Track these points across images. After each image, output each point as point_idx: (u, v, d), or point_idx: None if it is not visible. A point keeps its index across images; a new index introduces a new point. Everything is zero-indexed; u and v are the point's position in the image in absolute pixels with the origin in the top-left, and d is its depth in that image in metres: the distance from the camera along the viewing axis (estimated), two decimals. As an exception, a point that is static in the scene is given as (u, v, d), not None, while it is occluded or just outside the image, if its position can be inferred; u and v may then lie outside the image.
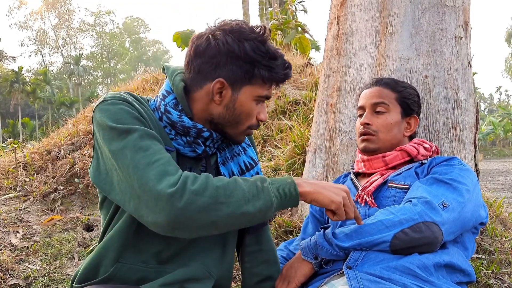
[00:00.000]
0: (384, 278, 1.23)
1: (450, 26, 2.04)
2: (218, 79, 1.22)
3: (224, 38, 1.21)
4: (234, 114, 1.27)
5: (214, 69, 1.23)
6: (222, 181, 1.11)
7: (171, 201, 1.04)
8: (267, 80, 1.24)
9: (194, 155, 1.30)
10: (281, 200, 1.16)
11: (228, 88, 1.24)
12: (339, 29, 2.27)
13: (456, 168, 1.48)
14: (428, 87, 1.98)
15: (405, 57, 2.02)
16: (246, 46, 1.20)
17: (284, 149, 2.95)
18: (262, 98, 1.27)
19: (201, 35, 1.25)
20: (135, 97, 1.28)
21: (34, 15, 57.22)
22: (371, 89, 1.70)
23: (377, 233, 1.31)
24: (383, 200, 1.52)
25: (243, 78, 1.23)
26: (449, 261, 1.32)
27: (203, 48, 1.23)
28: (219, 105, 1.26)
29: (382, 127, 1.63)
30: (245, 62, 1.21)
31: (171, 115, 1.26)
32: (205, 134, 1.28)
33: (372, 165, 1.63)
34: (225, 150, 1.38)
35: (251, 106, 1.27)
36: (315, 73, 4.22)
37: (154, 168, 1.08)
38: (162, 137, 1.25)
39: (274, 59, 1.23)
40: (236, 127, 1.29)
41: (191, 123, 1.26)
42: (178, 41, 5.73)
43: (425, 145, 1.64)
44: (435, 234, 1.30)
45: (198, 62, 1.24)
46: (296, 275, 1.41)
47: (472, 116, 2.06)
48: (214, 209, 1.07)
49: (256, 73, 1.22)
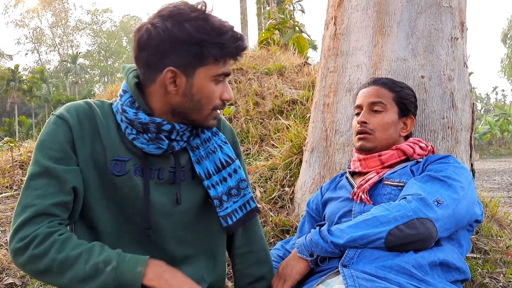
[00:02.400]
0: (380, 277, 1.24)
1: (447, 26, 2.05)
2: (167, 69, 1.16)
3: (164, 24, 1.14)
4: (194, 100, 1.20)
5: (161, 59, 1.16)
6: (65, 253, 1.10)
7: (13, 256, 1.12)
8: (219, 58, 1.17)
9: (161, 151, 1.23)
10: (117, 285, 1.10)
11: (181, 75, 1.17)
12: (336, 29, 2.28)
13: (451, 166, 1.50)
14: (424, 87, 1.99)
15: (402, 57, 2.03)
16: (188, 27, 1.13)
17: (281, 148, 2.96)
18: (219, 76, 1.20)
19: (141, 26, 1.18)
20: (92, 109, 1.23)
21: (30, 13, 57.06)
22: (368, 88, 1.71)
23: (372, 229, 1.32)
24: (379, 197, 1.53)
25: (194, 62, 1.17)
26: (444, 259, 1.33)
27: (145, 40, 1.16)
28: (177, 95, 1.20)
29: (379, 126, 1.64)
30: (191, 44, 1.14)
31: (127, 114, 1.21)
32: (166, 127, 1.22)
33: (368, 164, 1.65)
34: (199, 148, 1.32)
35: (210, 88, 1.20)
36: (312, 73, 4.23)
37: (23, 214, 1.12)
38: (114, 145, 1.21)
39: (221, 34, 1.15)
40: (200, 113, 1.23)
41: (148, 119, 1.20)
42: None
43: (420, 144, 1.65)
44: (429, 231, 1.31)
45: (144, 55, 1.18)
46: (292, 273, 1.42)
47: (468, 116, 2.08)
48: (47, 276, 1.11)
49: (206, 53, 1.15)
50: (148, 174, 1.24)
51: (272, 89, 3.99)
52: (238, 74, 4.40)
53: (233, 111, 3.74)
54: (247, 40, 1.24)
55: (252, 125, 3.52)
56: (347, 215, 1.56)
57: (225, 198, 1.32)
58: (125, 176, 1.22)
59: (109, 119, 1.25)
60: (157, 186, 1.25)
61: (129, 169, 1.22)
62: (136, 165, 1.23)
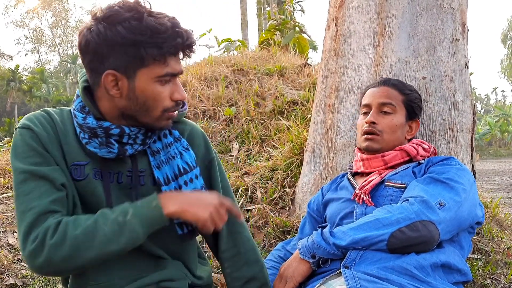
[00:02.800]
0: (381, 278, 1.24)
1: (448, 28, 2.05)
2: (106, 72, 1.14)
3: (97, 28, 1.12)
4: (139, 102, 1.17)
5: (101, 63, 1.14)
6: (82, 227, 1.10)
7: (32, 259, 1.09)
8: (159, 58, 1.13)
9: (113, 156, 1.21)
10: (147, 228, 1.13)
11: (122, 78, 1.15)
12: (337, 30, 2.28)
13: (453, 168, 1.49)
14: (426, 89, 1.99)
15: (403, 58, 2.04)
16: (120, 29, 1.10)
17: (281, 149, 2.96)
18: (164, 77, 1.17)
19: (80, 31, 1.16)
20: (50, 116, 1.23)
21: (30, 13, 57.04)
22: (378, 89, 1.70)
23: (374, 231, 1.32)
24: (380, 199, 1.53)
25: (133, 63, 1.13)
26: (445, 261, 1.34)
27: (84, 45, 1.14)
28: (121, 98, 1.17)
29: (388, 127, 1.63)
30: (127, 46, 1.11)
31: (77, 118, 1.20)
32: (115, 131, 1.19)
33: (371, 164, 1.64)
34: (160, 153, 1.29)
35: (155, 89, 1.17)
36: (313, 74, 4.23)
37: (26, 219, 1.11)
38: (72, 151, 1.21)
39: (157, 33, 1.11)
40: (148, 115, 1.20)
41: (96, 123, 1.19)
42: (176, 41, 5.71)
43: (424, 145, 1.65)
44: (431, 233, 1.31)
45: (87, 59, 1.16)
46: (294, 275, 1.42)
47: (469, 117, 2.08)
48: (77, 257, 1.09)
49: (144, 53, 1.12)
50: (107, 176, 1.22)
51: (272, 89, 3.99)
52: (238, 75, 4.40)
53: (234, 112, 3.74)
54: (192, 35, 1.18)
55: (252, 126, 3.52)
56: (349, 216, 1.56)
57: None
58: (85, 181, 1.22)
59: (68, 125, 1.25)
60: (117, 190, 1.25)
61: (88, 173, 1.22)
62: (95, 169, 1.23)
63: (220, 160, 3.21)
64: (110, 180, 1.24)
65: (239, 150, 3.36)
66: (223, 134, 3.58)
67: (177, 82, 1.21)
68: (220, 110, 3.82)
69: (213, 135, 3.58)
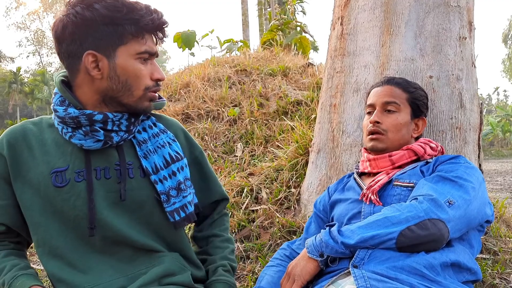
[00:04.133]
0: (391, 278, 1.23)
1: (455, 26, 2.04)
2: (86, 53, 1.16)
3: (74, 10, 1.15)
4: (121, 81, 1.20)
5: (80, 45, 1.16)
6: None
7: None
8: (137, 34, 1.17)
9: (100, 144, 1.22)
10: None
11: (102, 58, 1.17)
12: (342, 29, 2.27)
13: (461, 166, 1.48)
14: (433, 88, 1.98)
15: (410, 57, 2.03)
16: (98, 7, 1.14)
17: (286, 149, 2.95)
18: (143, 54, 1.20)
19: (55, 21, 1.19)
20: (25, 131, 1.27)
21: (31, 15, 57.15)
22: (382, 88, 1.69)
23: (383, 229, 1.31)
24: (388, 198, 1.52)
25: (112, 41, 1.16)
26: (455, 260, 1.32)
27: (60, 31, 1.17)
28: (102, 79, 1.19)
29: (392, 126, 1.62)
30: (105, 24, 1.15)
31: (58, 112, 1.22)
32: (98, 117, 1.20)
33: (378, 164, 1.63)
34: (147, 143, 1.30)
35: (135, 66, 1.20)
36: (316, 74, 4.22)
37: None
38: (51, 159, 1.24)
39: (134, 10, 1.16)
40: (131, 95, 1.22)
41: (78, 112, 1.20)
42: (179, 42, 5.72)
43: (431, 144, 1.64)
44: (441, 231, 1.29)
45: (64, 46, 1.19)
46: (301, 274, 1.40)
47: (476, 116, 2.07)
48: None
49: (122, 30, 1.16)
50: (90, 174, 1.23)
51: (276, 90, 3.99)
52: (242, 76, 4.40)
53: (238, 112, 3.74)
54: (165, 16, 1.24)
55: (256, 126, 3.52)
56: (357, 216, 1.55)
57: (173, 193, 1.30)
58: (68, 186, 1.23)
59: (46, 132, 1.27)
60: (103, 188, 1.25)
61: (70, 177, 1.23)
62: (77, 171, 1.23)
63: (224, 160, 3.21)
64: (96, 176, 1.24)
65: (243, 150, 3.36)
66: (227, 135, 3.57)
67: (155, 62, 1.25)
68: (224, 111, 3.82)
69: (217, 136, 3.58)
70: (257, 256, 2.26)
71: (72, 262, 1.24)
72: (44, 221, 1.24)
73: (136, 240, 1.26)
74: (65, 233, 1.25)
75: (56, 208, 1.23)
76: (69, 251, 1.24)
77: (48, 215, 1.24)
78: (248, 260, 2.29)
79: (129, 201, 1.26)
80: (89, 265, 1.24)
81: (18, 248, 1.34)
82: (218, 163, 3.25)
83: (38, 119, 1.32)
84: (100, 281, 1.23)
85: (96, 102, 1.23)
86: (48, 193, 1.23)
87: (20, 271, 1.23)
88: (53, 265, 1.25)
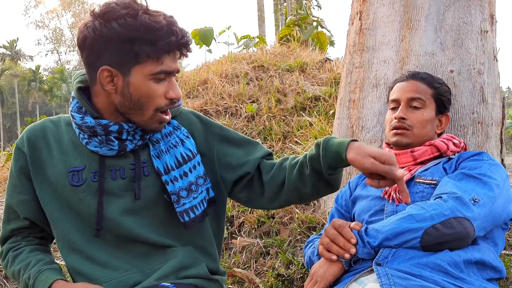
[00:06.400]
0: (415, 275, 1.22)
1: (476, 19, 2.01)
2: (102, 68, 1.16)
3: (93, 24, 1.14)
4: (133, 99, 1.18)
5: (97, 58, 1.16)
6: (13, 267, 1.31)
7: None
8: (154, 55, 1.14)
9: (114, 153, 1.24)
10: None
11: (118, 74, 1.16)
12: (361, 24, 2.26)
13: (485, 163, 1.46)
14: (454, 82, 1.95)
15: (430, 51, 2.00)
16: (115, 26, 1.11)
17: (305, 145, 2.95)
18: (159, 74, 1.17)
19: (79, 27, 1.19)
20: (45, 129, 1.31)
21: (50, 14, 57.85)
22: (407, 83, 1.67)
23: (407, 227, 1.30)
24: (411, 196, 1.49)
25: (128, 60, 1.15)
26: (480, 258, 1.31)
27: (81, 40, 1.17)
28: (116, 93, 1.19)
29: (418, 122, 1.61)
30: (121, 42, 1.13)
31: (75, 119, 1.23)
32: (113, 128, 1.21)
33: (400, 159, 1.61)
34: (160, 143, 1.29)
35: (149, 86, 1.17)
36: (334, 69, 4.20)
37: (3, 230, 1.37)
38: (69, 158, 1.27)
39: (151, 30, 1.12)
40: (141, 114, 1.21)
41: (94, 122, 1.21)
42: (196, 39, 5.73)
43: (454, 140, 1.62)
44: (467, 230, 1.28)
45: (84, 55, 1.19)
46: (325, 275, 1.39)
47: (498, 110, 2.04)
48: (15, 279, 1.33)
49: (138, 50, 1.13)
50: (102, 176, 1.25)
51: (293, 86, 3.98)
52: (259, 72, 4.40)
53: (255, 109, 3.74)
54: (188, 34, 1.19)
55: (274, 122, 3.52)
56: (379, 214, 1.54)
57: (183, 194, 1.28)
58: (84, 185, 1.26)
59: (64, 132, 1.30)
60: (120, 186, 1.27)
61: (86, 177, 1.25)
62: (93, 171, 1.25)
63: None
64: (112, 177, 1.26)
65: (262, 146, 3.36)
66: (245, 131, 3.58)
67: (173, 80, 1.22)
68: (242, 107, 3.82)
69: (235, 132, 3.59)
70: (277, 252, 2.27)
71: (90, 256, 1.27)
72: (63, 217, 1.28)
73: (149, 238, 1.28)
74: (82, 229, 1.28)
75: (73, 206, 1.27)
76: (87, 245, 1.28)
77: (66, 211, 1.27)
78: (268, 256, 2.30)
79: (144, 198, 1.28)
80: (106, 260, 1.27)
81: (43, 243, 1.39)
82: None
83: (56, 118, 1.35)
84: (117, 275, 1.26)
85: (112, 112, 1.23)
86: (65, 191, 1.26)
87: (45, 265, 1.27)
88: (72, 259, 1.29)
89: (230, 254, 2.39)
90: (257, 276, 2.18)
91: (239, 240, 2.40)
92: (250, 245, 2.36)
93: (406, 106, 1.63)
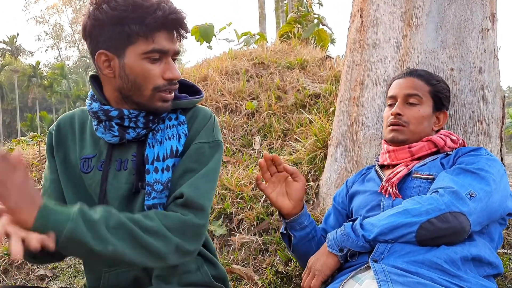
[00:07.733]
0: (412, 272, 1.23)
1: (477, 18, 2.01)
2: (98, 52, 1.18)
3: (89, 10, 1.18)
4: (130, 81, 1.19)
5: (96, 45, 1.19)
6: None
7: None
8: (143, 33, 1.14)
9: (116, 140, 1.24)
10: None
11: (114, 57, 1.18)
12: (362, 22, 2.25)
13: (483, 158, 1.47)
14: (454, 80, 1.96)
15: (430, 49, 2.00)
16: (105, 7, 1.13)
17: (304, 143, 2.95)
18: (152, 53, 1.17)
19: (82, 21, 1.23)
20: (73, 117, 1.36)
21: (50, 9, 57.78)
22: (404, 80, 1.68)
23: (403, 221, 1.30)
24: (408, 191, 1.51)
25: (121, 41, 1.16)
26: (476, 254, 1.31)
27: (83, 30, 1.21)
28: (115, 78, 1.20)
29: (414, 119, 1.61)
30: (113, 24, 1.14)
31: (87, 106, 1.28)
32: (114, 113, 1.22)
33: (397, 155, 1.62)
34: (158, 133, 1.28)
35: (143, 66, 1.17)
36: (334, 67, 4.19)
37: None
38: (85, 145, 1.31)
39: (140, 7, 1.13)
40: (141, 94, 1.21)
41: (98, 107, 1.23)
42: (197, 35, 5.72)
43: (452, 137, 1.62)
44: (462, 224, 1.29)
45: (88, 44, 1.22)
46: (322, 269, 1.41)
47: (499, 109, 2.04)
48: None
49: (128, 30, 1.14)
50: (107, 165, 1.27)
51: (294, 83, 3.97)
52: (259, 69, 4.39)
53: (255, 106, 3.74)
54: (178, 10, 1.18)
55: (274, 120, 3.51)
56: (376, 208, 1.55)
57: (158, 188, 1.21)
58: (92, 172, 1.28)
59: (88, 121, 1.34)
60: (122, 177, 1.26)
61: (94, 165, 1.28)
62: (102, 160, 1.28)
63: (243, 154, 3.22)
64: (116, 167, 1.27)
65: (262, 144, 3.36)
66: (245, 128, 3.58)
67: (170, 61, 1.21)
68: (242, 104, 3.82)
69: (235, 129, 3.59)
70: (276, 249, 2.27)
71: None
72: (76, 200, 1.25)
73: None
74: None
75: (83, 191, 1.29)
76: None
77: (78, 195, 1.29)
78: (267, 253, 2.30)
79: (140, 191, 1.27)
80: None
81: None
82: (236, 156, 3.26)
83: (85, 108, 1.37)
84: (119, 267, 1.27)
85: (118, 99, 1.24)
86: (77, 177, 1.30)
87: None
88: None
89: (229, 251, 2.40)
90: (256, 273, 2.18)
91: (238, 237, 2.41)
92: (249, 242, 2.37)
93: (402, 102, 1.64)
